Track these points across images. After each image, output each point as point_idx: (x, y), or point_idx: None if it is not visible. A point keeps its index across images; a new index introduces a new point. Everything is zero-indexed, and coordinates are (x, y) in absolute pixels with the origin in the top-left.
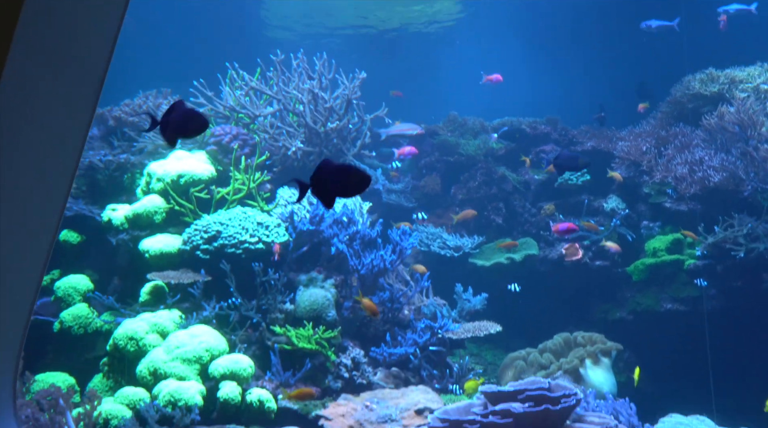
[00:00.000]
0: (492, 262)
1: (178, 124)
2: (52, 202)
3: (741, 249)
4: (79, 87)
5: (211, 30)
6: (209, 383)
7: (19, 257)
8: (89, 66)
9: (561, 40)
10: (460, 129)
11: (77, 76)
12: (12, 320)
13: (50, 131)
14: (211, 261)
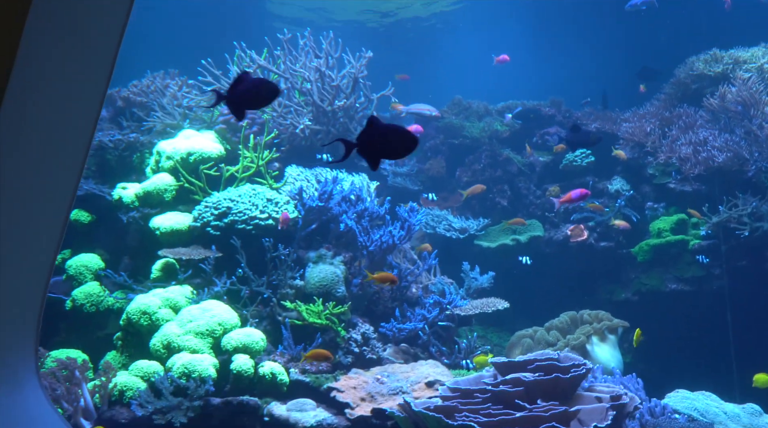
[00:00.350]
0: (497, 244)
1: (250, 95)
2: (65, 182)
3: (746, 228)
4: (91, 65)
5: (217, 12)
6: (222, 356)
7: (35, 230)
8: (102, 43)
9: (562, 23)
10: (465, 112)
11: (90, 54)
12: (31, 288)
13: (63, 110)
14: (222, 238)
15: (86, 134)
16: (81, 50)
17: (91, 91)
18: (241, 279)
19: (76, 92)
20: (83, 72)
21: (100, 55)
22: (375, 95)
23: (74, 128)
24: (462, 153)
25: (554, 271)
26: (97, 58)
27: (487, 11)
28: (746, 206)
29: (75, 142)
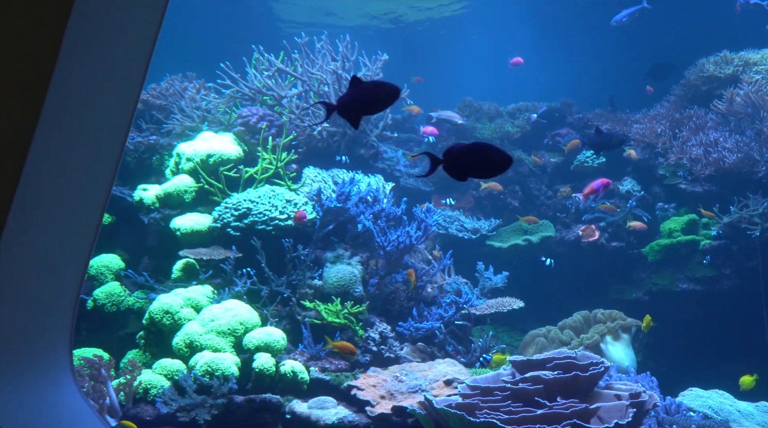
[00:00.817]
0: (509, 244)
1: (368, 99)
2: (100, 187)
3: (757, 229)
4: (125, 71)
5: (231, 19)
6: (243, 355)
7: (71, 232)
8: (134, 54)
9: (571, 24)
10: (476, 114)
11: (123, 64)
12: (66, 289)
13: (98, 117)
14: (242, 238)
15: (119, 140)
16: (116, 60)
17: (124, 100)
18: (261, 279)
19: (110, 99)
20: (117, 81)
21: (133, 65)
22: None
23: (109, 134)
24: None
25: (566, 271)
26: (130, 67)
27: (494, 13)
28: (757, 206)
29: (109, 147)
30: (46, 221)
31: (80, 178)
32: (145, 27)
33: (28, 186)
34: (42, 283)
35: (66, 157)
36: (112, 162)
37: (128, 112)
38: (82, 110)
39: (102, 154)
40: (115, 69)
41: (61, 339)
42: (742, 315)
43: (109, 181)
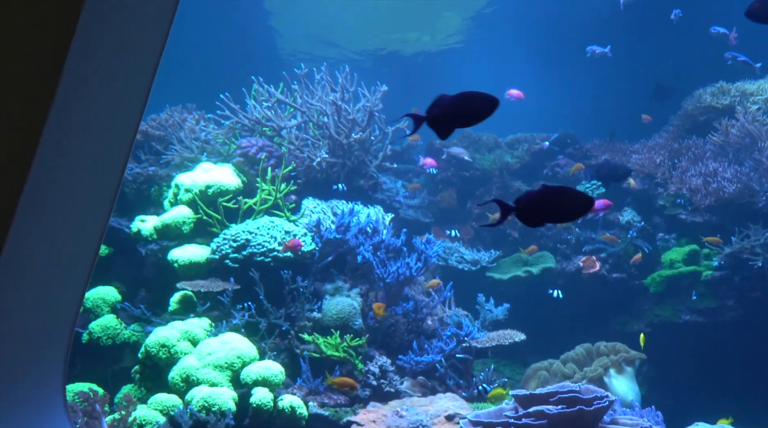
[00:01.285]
0: (509, 276)
1: (462, 110)
2: (97, 218)
3: (759, 259)
4: (124, 101)
5: (232, 50)
6: (241, 389)
7: (67, 263)
8: (136, 80)
9: (568, 56)
10: (475, 145)
11: (125, 91)
12: (60, 322)
13: (97, 147)
14: (240, 270)
15: (117, 171)
16: (115, 90)
17: (123, 130)
18: (259, 312)
19: (110, 130)
20: (116, 111)
21: (133, 95)
22: (390, 128)
23: (107, 165)
24: (473, 185)
25: (567, 303)
26: (130, 97)
27: (489, 45)
28: (758, 237)
29: (107, 178)
30: (41, 253)
31: (77, 209)
32: (146, 57)
33: (24, 217)
34: (36, 316)
35: (64, 188)
36: (110, 193)
37: (127, 142)
38: (81, 140)
39: (100, 186)
40: (115, 99)
41: (54, 374)
42: (746, 347)
43: (106, 212)
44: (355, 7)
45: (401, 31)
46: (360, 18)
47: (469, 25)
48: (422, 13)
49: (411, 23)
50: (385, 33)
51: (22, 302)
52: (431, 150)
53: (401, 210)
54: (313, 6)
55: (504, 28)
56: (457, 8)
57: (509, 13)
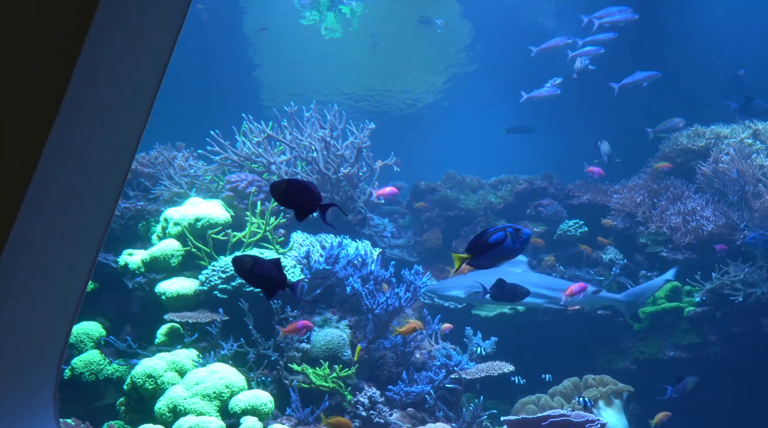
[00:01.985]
0: (495, 313)
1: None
2: (87, 252)
3: (739, 294)
4: (119, 138)
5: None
6: (229, 420)
7: (54, 298)
8: (131, 118)
9: (547, 101)
10: (459, 186)
11: (119, 128)
12: (48, 358)
13: (91, 180)
14: (229, 301)
15: (109, 207)
16: (111, 127)
17: (117, 164)
18: (248, 342)
19: (104, 164)
20: (111, 147)
21: (128, 133)
22: (377, 164)
23: (99, 200)
24: (458, 224)
25: (553, 340)
26: (124, 135)
27: (471, 96)
28: (738, 273)
29: (98, 213)
30: (28, 289)
31: (67, 245)
32: (141, 97)
33: (16, 246)
34: (21, 353)
35: (54, 223)
36: (100, 229)
37: (120, 177)
38: (75, 173)
39: (91, 222)
40: (111, 137)
41: (43, 414)
42: (730, 382)
43: (95, 248)
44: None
45: (386, 88)
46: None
47: (449, 84)
48: (406, 77)
49: (395, 82)
50: (371, 89)
51: (8, 340)
52: (416, 191)
53: (387, 250)
54: (297, 65)
55: (483, 84)
56: (434, 71)
57: (487, 72)
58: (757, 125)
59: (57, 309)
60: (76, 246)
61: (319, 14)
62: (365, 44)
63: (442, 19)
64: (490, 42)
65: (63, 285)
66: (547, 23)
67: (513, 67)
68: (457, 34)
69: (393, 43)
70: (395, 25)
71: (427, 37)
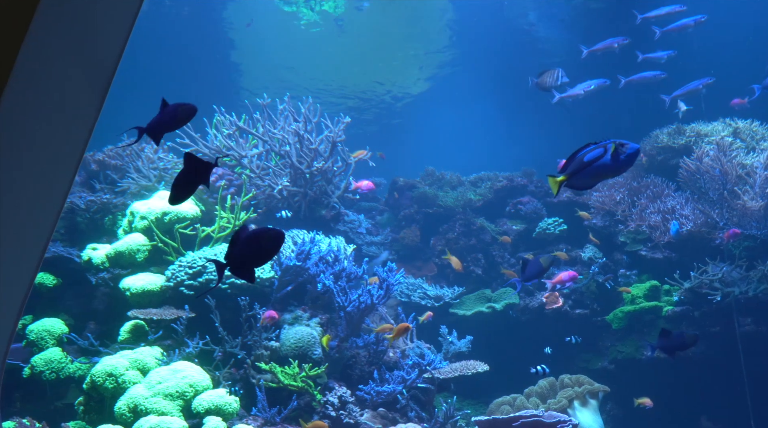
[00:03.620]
0: (473, 312)
1: (168, 120)
2: (34, 245)
3: (717, 294)
4: (72, 122)
5: (192, 80)
6: (192, 420)
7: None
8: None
9: (528, 99)
10: (438, 182)
11: (71, 115)
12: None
13: (38, 166)
14: (195, 298)
15: (60, 195)
16: (62, 112)
17: (69, 150)
18: (214, 340)
19: (54, 150)
20: (63, 132)
21: (82, 115)
22: (353, 158)
23: (48, 188)
24: (436, 222)
25: (530, 339)
26: (78, 118)
27: (454, 92)
28: (717, 272)
29: (47, 203)
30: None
31: (12, 240)
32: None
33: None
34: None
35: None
36: (50, 217)
37: (69, 174)
38: (18, 170)
39: (38, 213)
40: (56, 135)
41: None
42: (708, 382)
43: (43, 244)
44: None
45: (369, 81)
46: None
47: (433, 80)
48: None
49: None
50: (353, 83)
51: None
52: (395, 187)
53: (364, 247)
54: (279, 53)
55: (464, 80)
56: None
57: (468, 70)
58: (738, 123)
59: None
60: (21, 241)
61: (297, 8)
62: (347, 38)
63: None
64: (471, 36)
65: (7, 282)
66: (530, 16)
67: (494, 62)
68: (439, 32)
69: (372, 38)
70: (374, 19)
71: (408, 32)
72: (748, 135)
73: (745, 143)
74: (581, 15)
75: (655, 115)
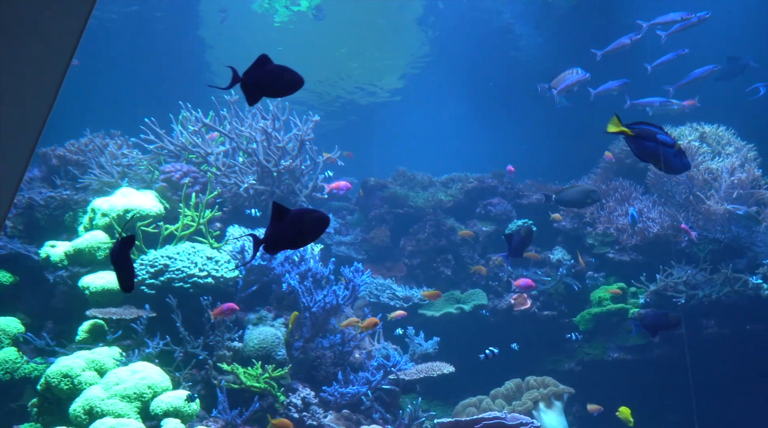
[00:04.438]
0: (441, 313)
1: (271, 81)
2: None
3: (682, 296)
4: (27, 110)
5: (159, 75)
6: (150, 422)
7: None
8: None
9: (501, 100)
10: (410, 183)
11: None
12: None
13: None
14: (157, 297)
15: (10, 188)
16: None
17: (19, 143)
18: (175, 340)
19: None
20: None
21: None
22: (321, 158)
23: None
24: (406, 222)
25: (499, 341)
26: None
27: (426, 93)
28: (681, 275)
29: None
30: None
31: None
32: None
33: None
34: None
35: None
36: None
37: (26, 151)
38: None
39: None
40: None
41: None
42: (672, 384)
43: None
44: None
45: (343, 83)
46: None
47: (406, 78)
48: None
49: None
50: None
51: None
52: (365, 187)
53: (334, 247)
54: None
55: (437, 80)
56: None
57: (442, 69)
58: (704, 128)
59: None
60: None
61: (270, 6)
62: (317, 36)
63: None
64: (446, 34)
65: None
66: (506, 12)
67: (469, 62)
68: (413, 32)
69: (346, 35)
70: (349, 16)
71: (382, 29)
72: (714, 139)
73: (711, 148)
74: (555, 13)
75: (630, 117)
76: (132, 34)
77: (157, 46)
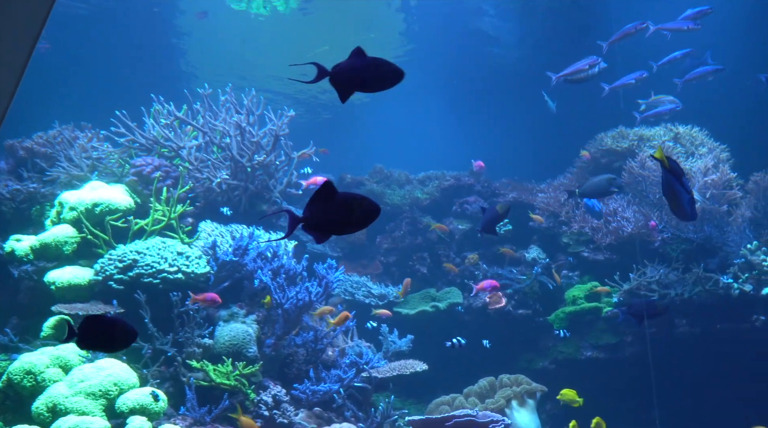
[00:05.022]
0: (416, 311)
1: (366, 75)
2: None
3: (654, 295)
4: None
5: (133, 67)
6: (116, 420)
7: None
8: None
9: (479, 99)
10: (386, 180)
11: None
12: None
13: None
14: (126, 293)
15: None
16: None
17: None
18: (143, 337)
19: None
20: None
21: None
22: (296, 153)
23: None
24: (382, 220)
25: (473, 339)
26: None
27: (403, 90)
28: (654, 274)
29: None
30: None
31: None
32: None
33: None
34: None
35: None
36: None
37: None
38: None
39: None
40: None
41: None
42: (644, 383)
43: None
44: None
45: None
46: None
47: None
48: None
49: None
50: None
51: None
52: (342, 184)
53: (309, 244)
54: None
55: (414, 76)
56: None
57: (421, 67)
58: (678, 129)
59: None
60: None
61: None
62: (296, 30)
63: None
64: (424, 30)
65: None
66: (485, 10)
67: (447, 58)
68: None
69: (322, 32)
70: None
71: (359, 24)
72: (688, 140)
73: (684, 148)
74: (535, 11)
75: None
76: (104, 23)
77: (131, 36)
